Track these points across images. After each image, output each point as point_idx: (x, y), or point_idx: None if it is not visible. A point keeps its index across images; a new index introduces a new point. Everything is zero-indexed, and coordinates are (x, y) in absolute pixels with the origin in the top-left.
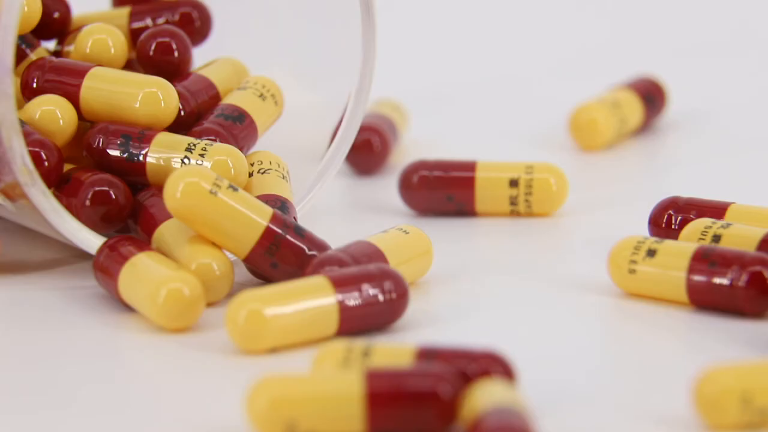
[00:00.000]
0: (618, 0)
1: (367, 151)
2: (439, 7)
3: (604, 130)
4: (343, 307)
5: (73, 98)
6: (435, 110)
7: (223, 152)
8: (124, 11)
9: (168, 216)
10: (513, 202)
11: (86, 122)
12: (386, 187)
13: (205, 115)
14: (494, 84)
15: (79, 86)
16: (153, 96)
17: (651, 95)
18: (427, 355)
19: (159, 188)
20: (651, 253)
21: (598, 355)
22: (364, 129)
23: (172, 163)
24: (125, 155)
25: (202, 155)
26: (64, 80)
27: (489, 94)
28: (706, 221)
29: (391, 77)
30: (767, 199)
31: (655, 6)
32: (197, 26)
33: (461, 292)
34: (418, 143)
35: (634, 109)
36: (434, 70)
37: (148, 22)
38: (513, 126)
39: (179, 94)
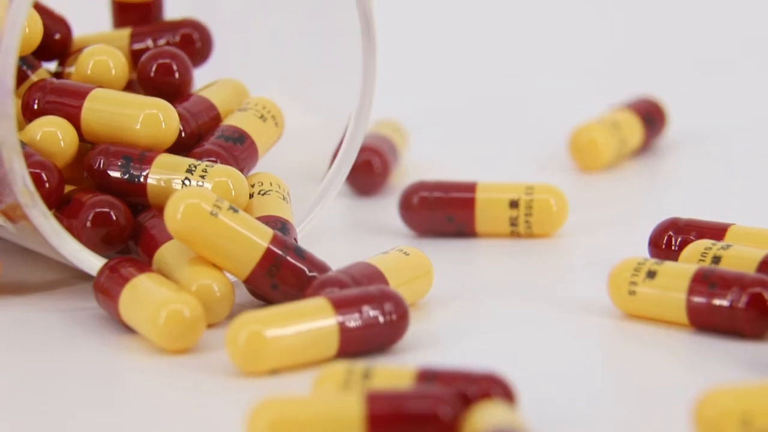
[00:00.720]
0: (618, 21)
1: (368, 172)
2: (439, 28)
3: (604, 151)
4: (343, 329)
5: (74, 120)
6: (435, 131)
7: (223, 173)
8: (125, 32)
9: (169, 237)
10: (513, 223)
11: (87, 143)
12: (386, 208)
13: (205, 137)
14: (494, 105)
15: (80, 107)
16: (154, 117)
17: (651, 116)
18: (427, 376)
19: (160, 210)
20: (651, 274)
21: (598, 376)
22: (364, 150)
23: (173, 184)
24: (126, 176)
25: (202, 176)
26: (65, 101)
27: (489, 114)
28: (706, 242)
29: (391, 98)
30: (767, 220)
31: (655, 26)
32: (198, 47)
33: (461, 313)
34: (419, 164)
35: (633, 129)
36: (434, 91)
37: (149, 43)
38: (513, 147)
39: (180, 115)
